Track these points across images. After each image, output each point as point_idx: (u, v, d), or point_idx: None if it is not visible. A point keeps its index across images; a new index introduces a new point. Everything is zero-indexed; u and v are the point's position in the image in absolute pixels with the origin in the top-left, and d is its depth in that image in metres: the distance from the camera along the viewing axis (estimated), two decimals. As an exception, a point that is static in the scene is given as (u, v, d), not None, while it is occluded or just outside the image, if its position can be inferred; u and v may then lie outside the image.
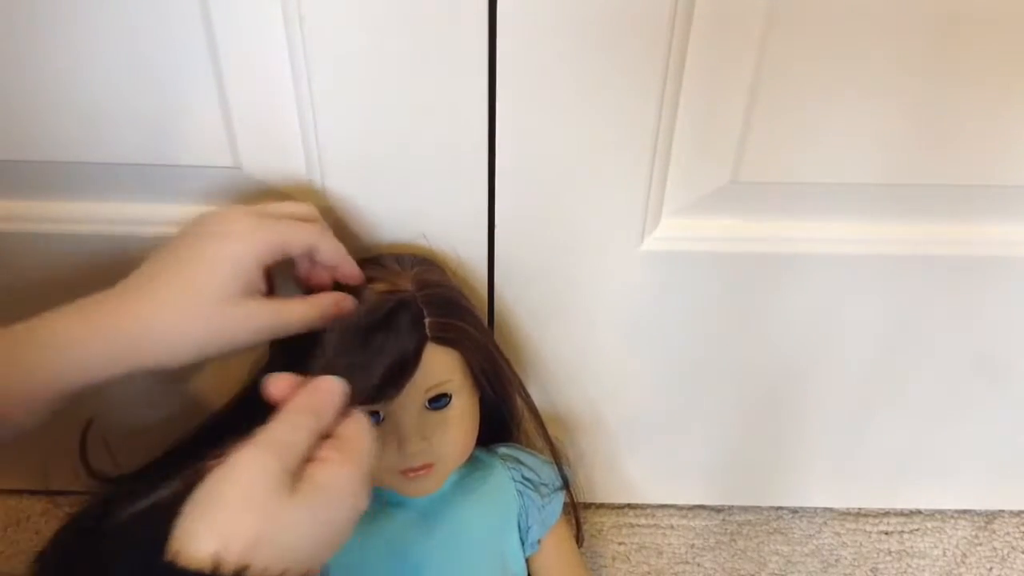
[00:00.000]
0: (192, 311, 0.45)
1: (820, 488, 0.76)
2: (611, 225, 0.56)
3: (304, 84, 0.49)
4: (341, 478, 0.37)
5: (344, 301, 0.50)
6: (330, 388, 0.41)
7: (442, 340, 0.51)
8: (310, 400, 0.40)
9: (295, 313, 0.48)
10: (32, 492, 0.75)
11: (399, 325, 0.50)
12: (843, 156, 0.53)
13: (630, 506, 0.77)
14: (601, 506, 0.77)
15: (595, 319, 0.62)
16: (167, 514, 0.34)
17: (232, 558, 0.32)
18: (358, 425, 0.41)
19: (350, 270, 0.51)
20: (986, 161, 0.53)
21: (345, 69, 0.49)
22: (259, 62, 0.49)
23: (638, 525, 0.76)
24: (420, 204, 0.55)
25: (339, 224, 0.55)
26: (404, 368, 0.50)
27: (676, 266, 0.58)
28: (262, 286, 0.48)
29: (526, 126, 0.51)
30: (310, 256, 0.50)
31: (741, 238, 0.57)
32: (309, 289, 0.52)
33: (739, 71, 0.49)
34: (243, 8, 0.47)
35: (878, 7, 0.46)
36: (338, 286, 0.51)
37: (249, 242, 0.46)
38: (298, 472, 0.36)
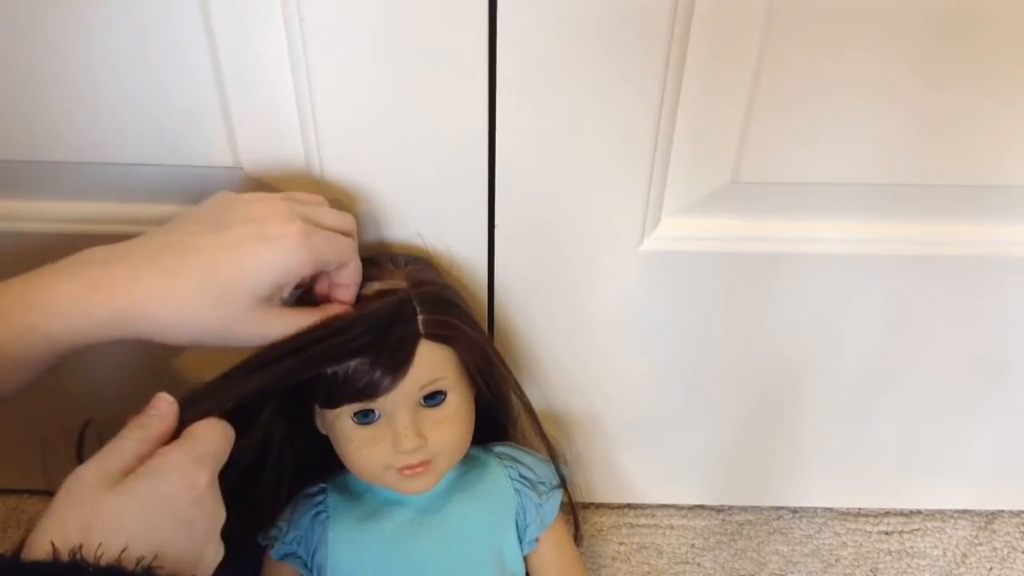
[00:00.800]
0: (207, 305, 0.44)
1: (820, 488, 0.76)
2: (611, 225, 0.56)
3: (304, 84, 0.49)
4: (165, 462, 0.41)
5: (349, 315, 0.50)
6: (154, 404, 0.44)
7: (436, 337, 0.51)
8: (139, 416, 0.44)
9: (303, 324, 0.48)
10: (32, 492, 0.75)
11: (393, 322, 0.50)
12: (843, 156, 0.53)
13: (630, 506, 0.77)
14: (601, 506, 0.76)
15: (595, 319, 0.62)
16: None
17: (67, 546, 0.37)
18: (203, 423, 0.44)
19: (349, 296, 0.51)
20: (986, 161, 0.53)
21: (345, 69, 0.49)
22: (259, 62, 0.49)
23: (638, 525, 0.76)
24: (421, 204, 0.55)
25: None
26: (398, 365, 0.50)
27: (676, 266, 0.58)
28: (286, 293, 0.48)
29: (526, 126, 0.51)
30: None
31: (741, 238, 0.57)
32: (302, 290, 0.52)
33: (739, 71, 0.49)
34: (243, 8, 0.47)
35: (878, 7, 0.46)
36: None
37: (297, 257, 0.45)
38: (129, 471, 0.41)
